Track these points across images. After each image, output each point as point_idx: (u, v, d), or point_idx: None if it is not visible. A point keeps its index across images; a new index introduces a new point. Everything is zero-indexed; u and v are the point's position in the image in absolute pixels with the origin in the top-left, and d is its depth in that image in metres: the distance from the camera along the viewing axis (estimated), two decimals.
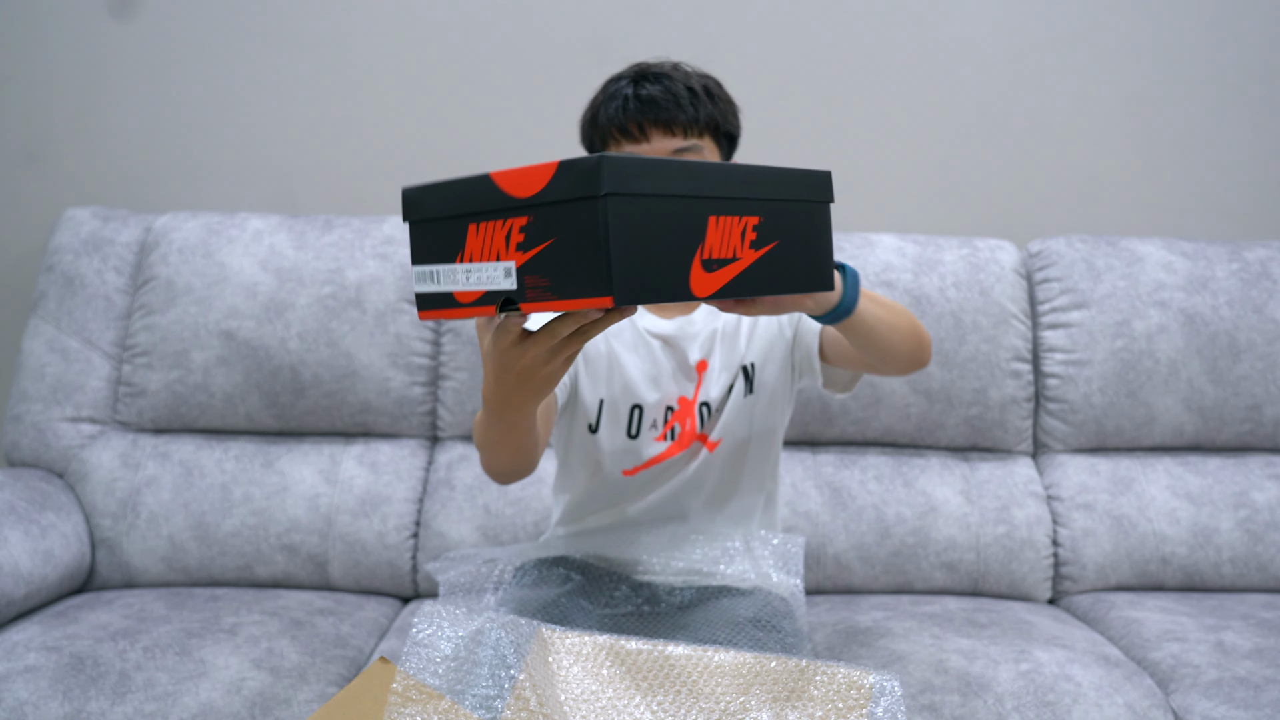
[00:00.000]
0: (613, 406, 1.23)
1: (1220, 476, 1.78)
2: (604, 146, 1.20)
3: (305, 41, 2.00)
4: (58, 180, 2.01)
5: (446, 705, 0.92)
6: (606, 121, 1.18)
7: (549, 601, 1.20)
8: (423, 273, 0.83)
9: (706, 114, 1.17)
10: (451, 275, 0.81)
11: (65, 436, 1.75)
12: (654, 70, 1.20)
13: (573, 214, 0.73)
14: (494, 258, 0.78)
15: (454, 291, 0.81)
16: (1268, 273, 1.83)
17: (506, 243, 0.77)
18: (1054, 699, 1.31)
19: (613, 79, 1.21)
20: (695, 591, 1.23)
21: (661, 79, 1.18)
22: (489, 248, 0.78)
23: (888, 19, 2.01)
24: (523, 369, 0.87)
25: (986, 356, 1.77)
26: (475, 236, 0.79)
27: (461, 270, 0.80)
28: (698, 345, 1.24)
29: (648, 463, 1.23)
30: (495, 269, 0.78)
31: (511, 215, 0.76)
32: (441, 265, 0.81)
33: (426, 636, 0.96)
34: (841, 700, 0.96)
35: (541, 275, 0.75)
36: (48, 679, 1.29)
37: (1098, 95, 2.04)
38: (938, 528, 1.71)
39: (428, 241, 0.82)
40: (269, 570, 1.68)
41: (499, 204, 0.77)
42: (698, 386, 1.23)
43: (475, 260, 0.79)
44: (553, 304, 0.76)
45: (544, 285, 0.75)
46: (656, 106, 1.15)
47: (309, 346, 1.74)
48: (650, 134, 1.16)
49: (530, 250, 0.76)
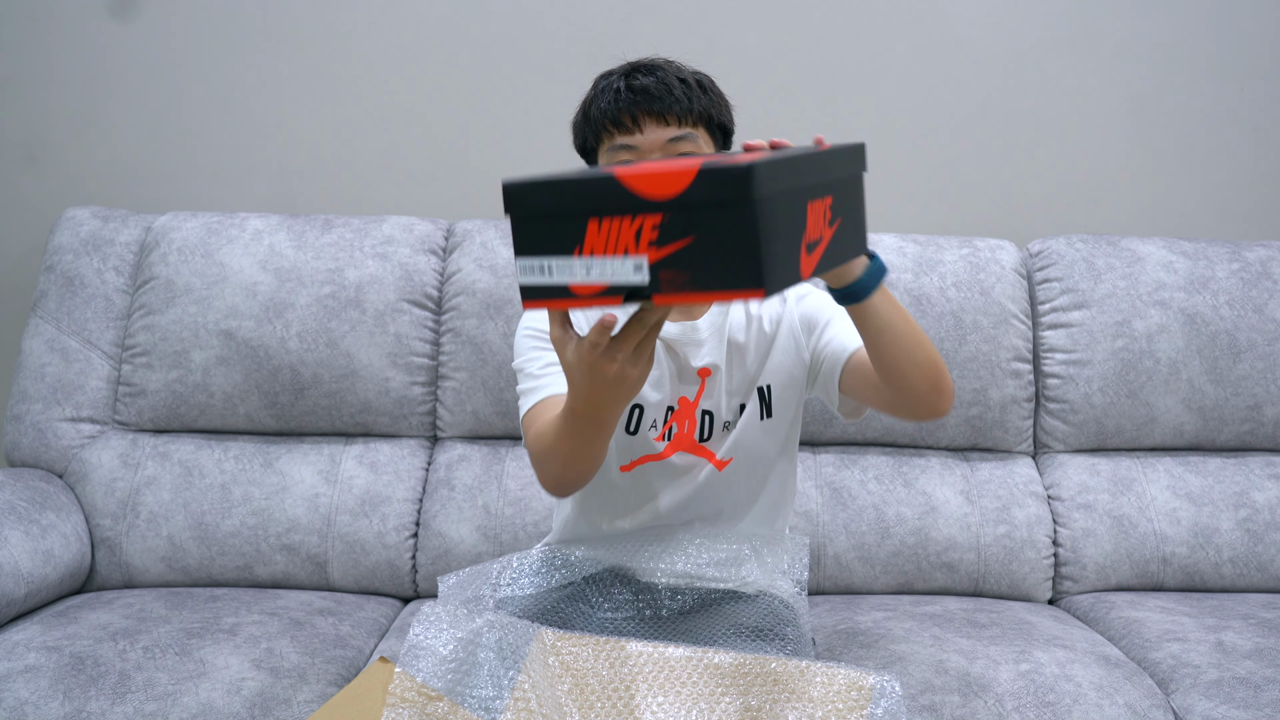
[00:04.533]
0: None
1: (1220, 476, 1.78)
2: (597, 142, 1.20)
3: (305, 41, 2.00)
4: (58, 180, 2.01)
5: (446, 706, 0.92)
6: (599, 115, 1.17)
7: (548, 607, 1.19)
8: (530, 265, 0.85)
9: (700, 104, 1.17)
10: (568, 268, 0.84)
11: (65, 436, 1.75)
12: (646, 64, 1.19)
13: (717, 215, 0.78)
14: (621, 252, 0.81)
15: (570, 284, 0.84)
16: (1268, 273, 1.83)
17: (637, 239, 0.81)
18: (1054, 699, 1.31)
19: (604, 75, 1.21)
20: (698, 596, 1.23)
21: (654, 71, 1.18)
22: (615, 243, 0.81)
23: (888, 19, 2.01)
24: (615, 375, 0.90)
25: (987, 356, 1.77)
26: (598, 232, 0.82)
27: (581, 264, 0.83)
28: (703, 351, 1.23)
29: (643, 459, 1.23)
30: (622, 263, 0.82)
31: (643, 213, 0.80)
32: (555, 258, 0.84)
33: (426, 637, 0.96)
34: (841, 701, 0.96)
35: (680, 270, 0.80)
36: (48, 679, 1.28)
37: (1098, 95, 2.03)
38: (938, 528, 1.71)
39: (536, 235, 0.85)
40: (269, 570, 1.68)
41: (628, 203, 0.80)
42: (700, 391, 1.23)
43: (598, 254, 0.82)
44: (692, 296, 0.81)
45: (683, 279, 0.80)
46: (650, 97, 1.15)
47: (309, 346, 1.74)
48: (644, 124, 1.15)
49: (667, 247, 0.80)
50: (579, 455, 1.05)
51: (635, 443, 1.22)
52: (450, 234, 1.86)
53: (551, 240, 0.84)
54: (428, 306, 1.79)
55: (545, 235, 0.84)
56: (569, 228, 0.83)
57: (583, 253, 0.83)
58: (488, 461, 1.75)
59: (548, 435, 1.07)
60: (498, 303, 1.75)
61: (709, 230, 0.79)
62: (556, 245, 0.84)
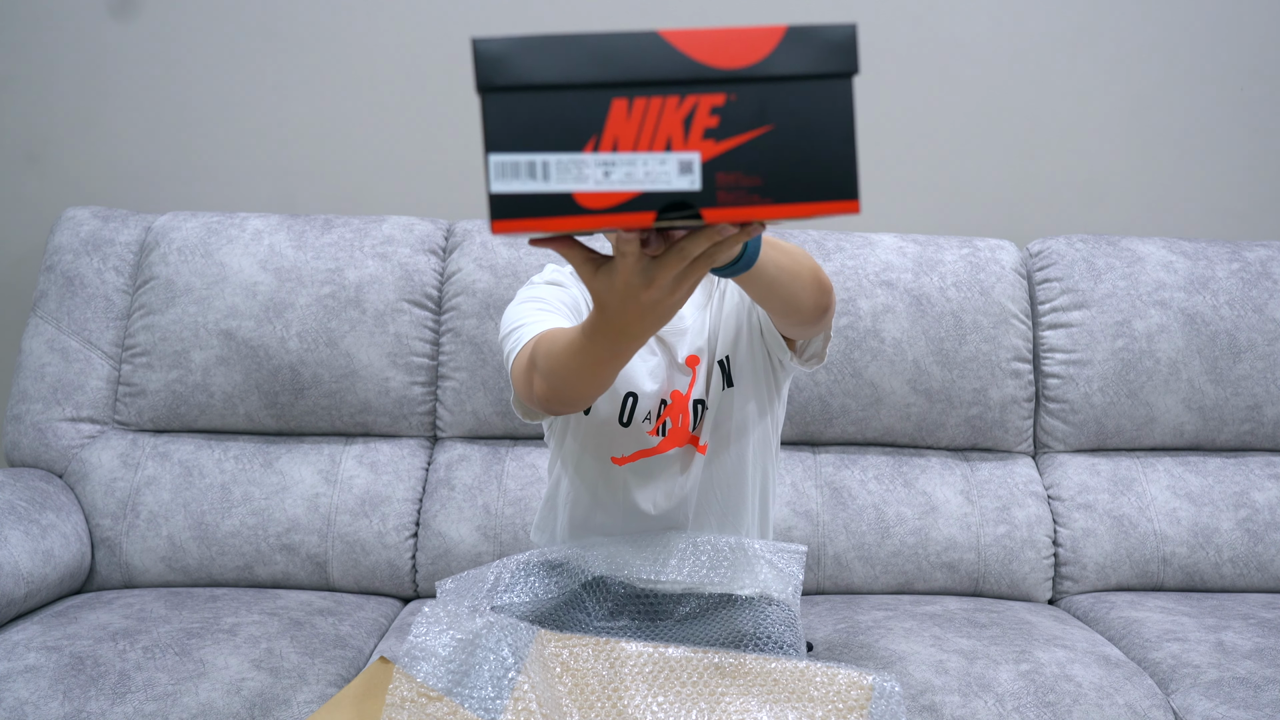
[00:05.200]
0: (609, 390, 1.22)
1: (1220, 476, 1.78)
2: None
3: (305, 41, 2.00)
4: (58, 180, 2.01)
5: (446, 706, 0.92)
6: None
7: (545, 614, 1.19)
8: (511, 164, 0.62)
9: None
10: (575, 168, 0.62)
11: (65, 436, 1.75)
12: None
13: (807, 95, 0.61)
14: (661, 146, 0.62)
15: (577, 192, 0.62)
16: (1268, 273, 1.83)
17: (686, 127, 0.61)
18: (1054, 699, 1.31)
19: None
20: (696, 601, 1.22)
21: None
22: (652, 133, 0.61)
23: (888, 19, 2.01)
24: (648, 301, 0.76)
25: (987, 356, 1.77)
26: (626, 117, 0.61)
27: (597, 162, 0.61)
28: (687, 339, 1.22)
29: (637, 454, 1.22)
30: (663, 162, 0.61)
31: (698, 90, 0.61)
32: (554, 155, 0.62)
33: (426, 638, 0.96)
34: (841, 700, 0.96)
35: (747, 173, 0.62)
36: (48, 679, 1.29)
37: (1098, 95, 2.03)
38: (938, 528, 1.71)
39: (526, 119, 0.61)
40: (269, 570, 1.68)
41: (678, 74, 0.61)
42: (691, 382, 1.22)
43: (624, 149, 0.61)
44: (761, 210, 0.62)
45: (751, 185, 0.62)
46: None
47: (309, 346, 1.74)
48: None
49: (731, 139, 0.61)
50: (598, 371, 0.94)
51: (629, 435, 1.22)
52: (450, 234, 1.86)
53: (550, 128, 0.61)
54: (428, 306, 1.79)
55: (540, 120, 0.61)
56: (580, 109, 0.61)
57: (600, 147, 0.62)
58: (488, 461, 1.75)
59: (563, 351, 0.96)
60: (498, 303, 1.75)
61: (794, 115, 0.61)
62: (558, 135, 0.61)
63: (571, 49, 0.61)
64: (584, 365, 0.93)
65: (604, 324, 0.84)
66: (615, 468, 1.24)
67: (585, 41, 0.61)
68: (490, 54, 0.61)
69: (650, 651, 1.00)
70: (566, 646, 1.01)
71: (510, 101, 0.61)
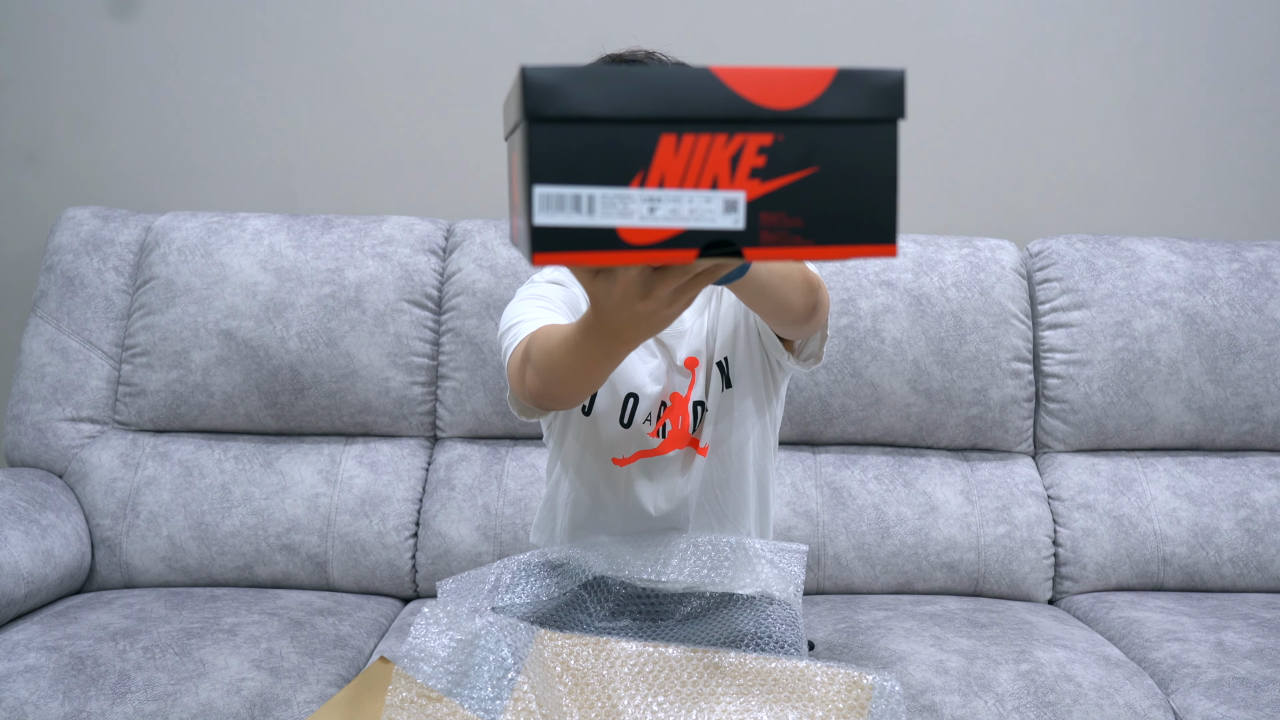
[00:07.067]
0: (610, 390, 1.22)
1: (1220, 476, 1.78)
2: None
3: (305, 41, 2.00)
4: (58, 180, 2.01)
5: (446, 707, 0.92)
6: None
7: (545, 616, 1.19)
8: (556, 196, 0.61)
9: None
10: (621, 203, 0.61)
11: (65, 436, 1.75)
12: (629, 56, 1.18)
13: (853, 139, 0.61)
14: (707, 184, 0.61)
15: (621, 227, 0.61)
16: (1268, 273, 1.83)
17: (733, 166, 0.61)
18: (1054, 699, 1.31)
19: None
20: (697, 601, 1.22)
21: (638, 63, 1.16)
22: (699, 170, 0.61)
23: (888, 19, 2.01)
24: (644, 311, 0.77)
25: (987, 356, 1.77)
26: (674, 153, 0.61)
27: (643, 198, 0.61)
28: (685, 342, 1.22)
29: (638, 455, 1.22)
30: (708, 200, 0.61)
31: (746, 129, 0.61)
32: (600, 189, 0.61)
33: (426, 638, 0.96)
34: (841, 700, 0.96)
35: (792, 213, 0.62)
36: (48, 679, 1.29)
37: (1098, 95, 2.03)
38: (938, 528, 1.71)
39: (574, 152, 0.61)
40: (269, 570, 1.68)
41: (728, 112, 0.60)
42: (691, 383, 1.22)
43: (670, 186, 0.61)
44: (801, 251, 0.62)
45: (793, 226, 0.62)
46: None
47: (309, 346, 1.74)
48: None
49: (777, 179, 0.61)
50: (590, 371, 0.94)
51: (629, 436, 1.22)
52: (450, 234, 1.86)
53: (597, 161, 0.61)
54: (428, 306, 1.79)
55: (588, 152, 0.61)
56: (629, 144, 0.60)
57: (646, 182, 0.61)
58: (488, 461, 1.75)
59: (553, 346, 0.97)
60: (498, 303, 1.75)
61: (839, 158, 0.61)
62: (605, 169, 0.61)
63: (623, 82, 0.60)
64: (576, 363, 0.94)
65: (598, 326, 0.85)
66: (616, 469, 1.24)
67: (637, 75, 0.61)
68: (541, 83, 0.60)
69: (650, 651, 1.00)
70: (567, 646, 1.01)
71: (558, 133, 0.61)
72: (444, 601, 1.19)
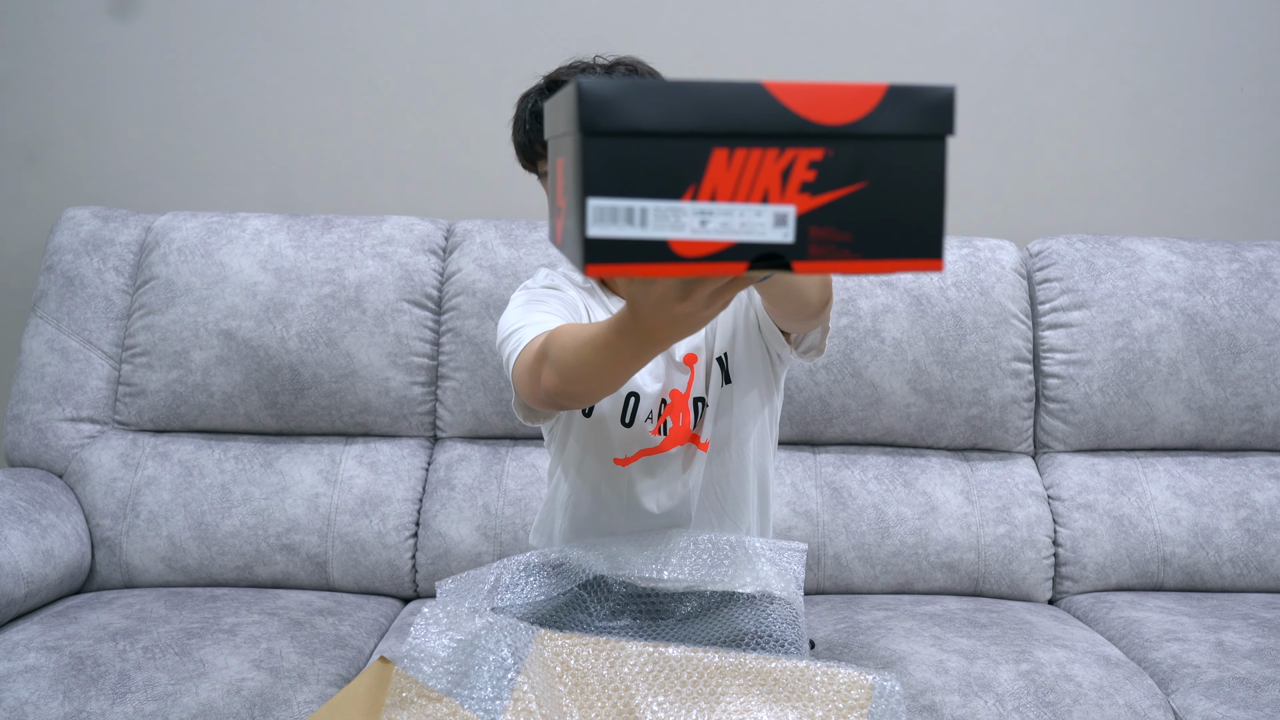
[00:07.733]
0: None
1: (1220, 476, 1.78)
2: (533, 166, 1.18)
3: (305, 41, 2.00)
4: (58, 180, 2.01)
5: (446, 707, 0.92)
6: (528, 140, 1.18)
7: (546, 615, 1.19)
8: (610, 209, 0.62)
9: None
10: (673, 216, 0.62)
11: (65, 436, 1.75)
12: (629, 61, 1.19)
13: (902, 154, 0.62)
14: (758, 198, 0.62)
15: (673, 239, 0.62)
16: (1268, 273, 1.83)
17: (784, 180, 0.62)
18: (1054, 699, 1.31)
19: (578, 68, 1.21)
20: (697, 600, 1.22)
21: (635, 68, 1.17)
22: (750, 184, 0.62)
23: (888, 19, 2.01)
24: (681, 313, 0.78)
25: (987, 356, 1.77)
26: (726, 167, 0.61)
27: (695, 211, 0.62)
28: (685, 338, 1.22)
29: (640, 453, 1.22)
30: (759, 214, 0.62)
31: (797, 144, 0.62)
32: (653, 201, 0.62)
33: (426, 638, 0.96)
34: (841, 700, 0.96)
35: (841, 228, 0.62)
36: (48, 679, 1.29)
37: (1098, 95, 2.03)
38: (938, 528, 1.71)
39: (627, 165, 0.61)
40: (269, 570, 1.68)
41: (780, 127, 0.61)
42: (690, 380, 1.22)
43: (722, 199, 0.62)
44: (849, 265, 0.63)
45: (841, 240, 0.62)
46: None
47: (309, 346, 1.74)
48: None
49: (827, 194, 0.62)
50: (617, 370, 0.94)
51: (632, 435, 1.22)
52: (450, 234, 1.86)
53: (651, 174, 0.61)
54: (428, 306, 1.79)
55: (641, 166, 0.61)
56: (682, 157, 0.61)
57: (699, 195, 0.62)
58: (488, 461, 1.75)
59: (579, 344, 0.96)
60: (498, 303, 1.75)
61: (889, 174, 0.62)
62: (658, 182, 0.61)
63: (676, 96, 0.61)
64: (604, 361, 0.93)
65: (634, 326, 0.85)
66: (618, 469, 1.24)
67: (690, 89, 0.61)
68: (596, 97, 0.61)
69: (650, 651, 1.00)
70: (567, 646, 1.01)
71: (612, 146, 0.61)
72: (444, 602, 1.19)
